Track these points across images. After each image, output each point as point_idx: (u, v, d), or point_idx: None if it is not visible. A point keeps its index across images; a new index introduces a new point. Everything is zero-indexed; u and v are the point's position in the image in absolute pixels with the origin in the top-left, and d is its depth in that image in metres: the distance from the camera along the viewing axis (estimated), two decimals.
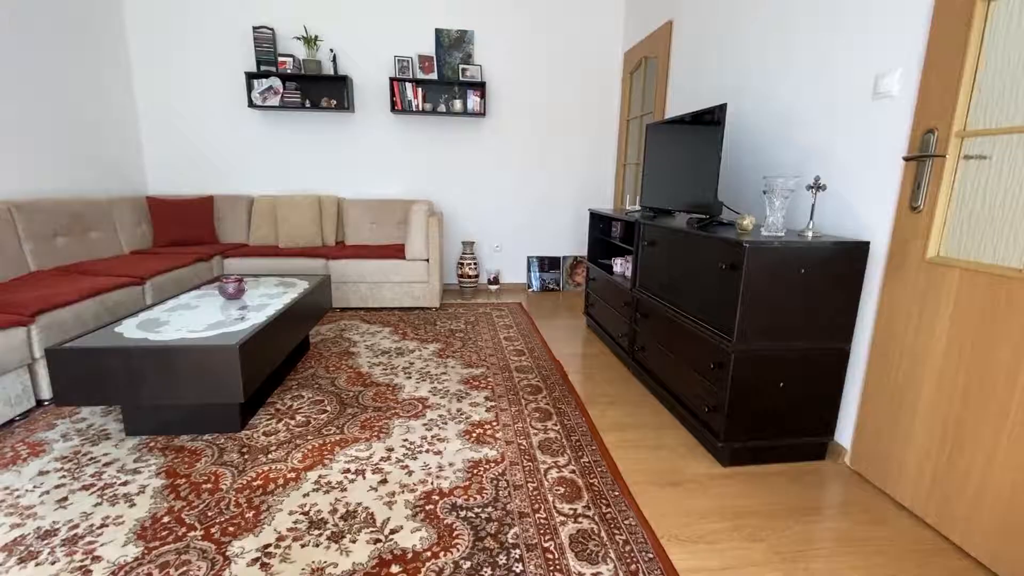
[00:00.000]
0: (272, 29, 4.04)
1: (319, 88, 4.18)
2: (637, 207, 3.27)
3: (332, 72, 4.15)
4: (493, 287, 4.60)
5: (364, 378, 2.54)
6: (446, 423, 2.09)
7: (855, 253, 1.75)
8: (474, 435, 1.99)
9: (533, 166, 4.58)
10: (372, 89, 4.29)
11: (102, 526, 1.45)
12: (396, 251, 3.85)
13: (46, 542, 1.38)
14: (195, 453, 1.83)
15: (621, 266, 2.99)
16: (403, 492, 1.62)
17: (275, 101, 4.05)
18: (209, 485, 1.64)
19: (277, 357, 2.14)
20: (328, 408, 2.20)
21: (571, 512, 1.54)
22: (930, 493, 1.55)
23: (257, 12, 4.07)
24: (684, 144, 2.46)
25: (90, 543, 1.38)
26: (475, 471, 1.74)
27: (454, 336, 3.24)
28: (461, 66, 4.28)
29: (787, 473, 1.84)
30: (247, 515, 1.50)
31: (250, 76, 4.01)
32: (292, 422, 2.07)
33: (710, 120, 2.19)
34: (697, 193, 2.29)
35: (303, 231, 4.01)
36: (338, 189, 4.44)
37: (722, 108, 2.07)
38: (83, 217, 3.19)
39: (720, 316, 1.85)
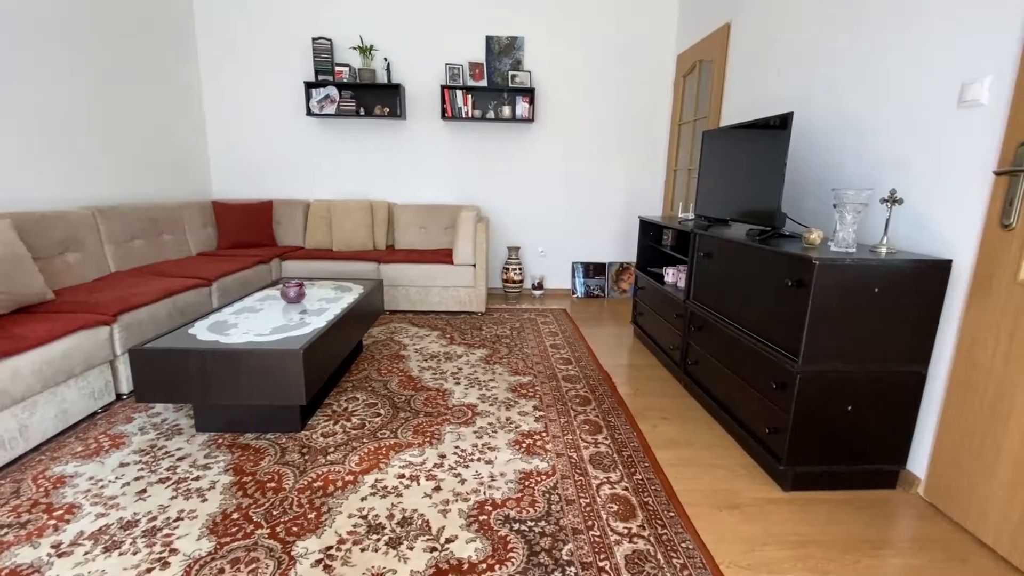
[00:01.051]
0: (330, 40, 4.19)
1: (373, 96, 4.30)
2: (690, 215, 3.20)
3: (386, 81, 4.26)
4: (537, 292, 4.59)
5: (415, 382, 2.59)
6: (496, 432, 2.10)
7: (935, 272, 1.64)
8: (524, 445, 2.00)
9: (580, 171, 4.55)
10: (423, 97, 4.38)
11: (177, 519, 1.54)
12: (444, 256, 3.91)
13: (128, 532, 1.48)
14: (259, 452, 1.92)
15: (673, 276, 2.92)
16: (457, 500, 1.65)
17: (331, 109, 4.20)
18: (273, 484, 1.72)
19: (335, 360, 2.22)
20: (382, 412, 2.26)
21: (626, 531, 1.52)
22: (1018, 531, 1.44)
23: (317, 24, 4.23)
24: (744, 152, 2.38)
25: (167, 535, 1.47)
26: (526, 483, 1.75)
27: (500, 342, 3.26)
28: (511, 72, 4.31)
29: (854, 501, 1.75)
30: (309, 516, 1.56)
31: (309, 85, 4.17)
32: (348, 424, 2.14)
33: (775, 128, 2.11)
34: (758, 204, 2.22)
35: (356, 235, 4.13)
36: (389, 194, 4.55)
37: (788, 117, 1.99)
38: (157, 221, 3.40)
39: (784, 334, 1.78)
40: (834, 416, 1.73)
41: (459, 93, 4.25)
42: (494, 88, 4.27)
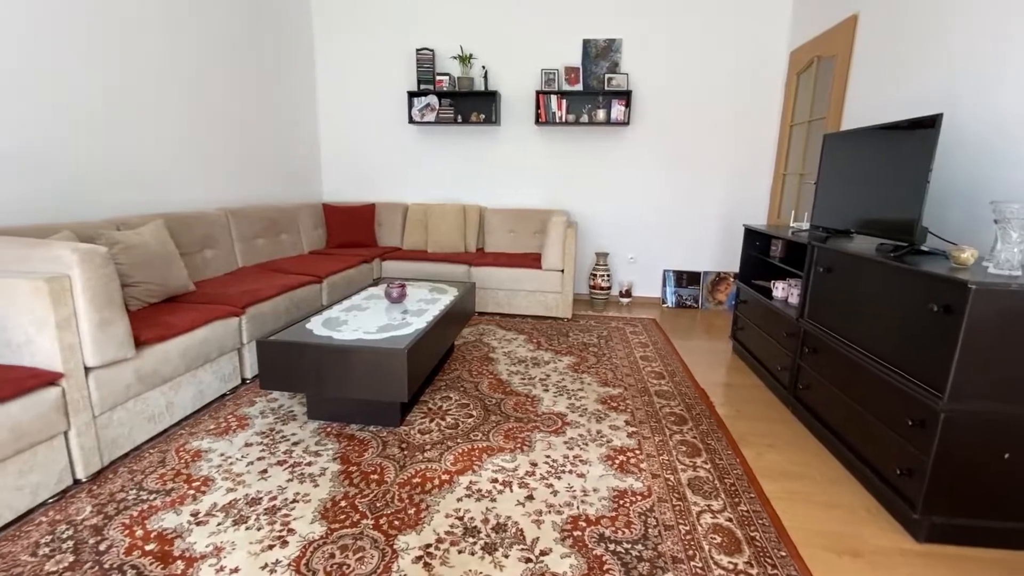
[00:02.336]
0: (432, 50, 4.37)
1: (470, 104, 4.42)
2: (804, 225, 2.94)
3: (483, 88, 4.36)
4: (624, 300, 4.47)
5: (504, 386, 2.62)
6: (587, 444, 2.07)
7: None
8: (617, 462, 1.94)
9: (676, 176, 4.37)
10: (517, 103, 4.43)
11: (294, 501, 1.67)
12: (532, 260, 3.93)
13: (252, 509, 1.63)
14: (363, 443, 2.03)
15: (783, 291, 2.71)
16: (550, 512, 1.63)
17: (431, 117, 4.38)
18: (376, 476, 1.81)
19: (433, 360, 2.30)
20: (474, 413, 2.31)
21: (731, 567, 1.42)
22: None
23: (421, 35, 4.43)
24: (877, 157, 2.14)
25: (285, 515, 1.60)
26: (621, 502, 1.69)
27: (587, 350, 3.20)
28: (607, 75, 4.23)
29: (1006, 562, 1.50)
30: (409, 511, 1.62)
31: (411, 95, 4.38)
32: (443, 423, 2.20)
33: (917, 130, 1.87)
34: (891, 215, 1.98)
35: (449, 237, 4.28)
36: (481, 198, 4.66)
37: (936, 118, 1.76)
38: (277, 222, 3.74)
39: (925, 365, 1.57)
40: (986, 463, 1.50)
41: (553, 98, 4.25)
42: (589, 92, 4.22)
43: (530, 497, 1.71)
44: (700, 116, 4.24)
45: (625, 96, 4.19)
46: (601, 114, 4.21)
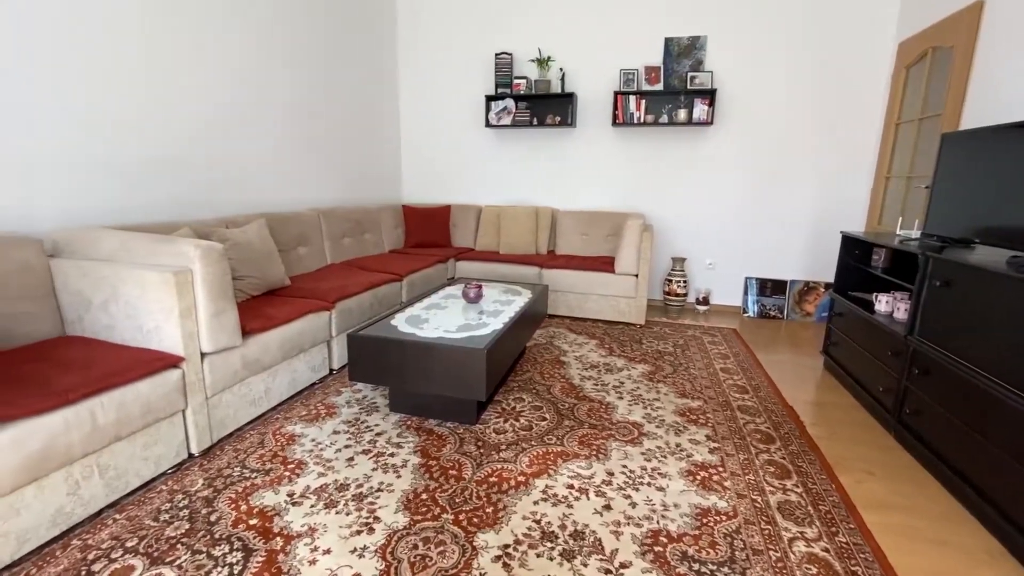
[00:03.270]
0: (511, 54, 4.43)
1: (546, 106, 4.43)
2: (914, 233, 2.68)
3: (560, 90, 4.36)
4: (701, 308, 4.29)
5: (576, 391, 2.59)
6: (666, 457, 2.00)
7: None
8: (698, 478, 1.86)
9: (762, 177, 4.13)
10: (594, 104, 4.38)
11: (378, 490, 1.75)
12: (604, 264, 3.87)
13: (341, 494, 1.72)
14: (441, 438, 2.09)
15: (888, 304, 2.48)
16: (628, 524, 1.60)
17: (507, 120, 4.43)
18: (454, 472, 1.85)
19: (509, 361, 2.32)
20: (547, 416, 2.30)
21: None
22: None
23: (500, 40, 4.50)
24: (1009, 160, 1.91)
25: (371, 503, 1.67)
26: (704, 520, 1.62)
27: (663, 359, 3.10)
28: (690, 74, 4.08)
29: None
30: (487, 510, 1.65)
31: (489, 99, 4.46)
32: (517, 424, 2.22)
33: None
34: None
35: (520, 239, 4.31)
36: (553, 200, 4.66)
37: None
38: (361, 222, 3.95)
39: None
40: None
41: (632, 98, 4.17)
42: (670, 91, 4.09)
43: (607, 507, 1.68)
44: (790, 114, 3.98)
45: (709, 95, 4.03)
46: (682, 114, 4.07)
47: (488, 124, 4.48)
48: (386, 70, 4.62)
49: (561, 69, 4.39)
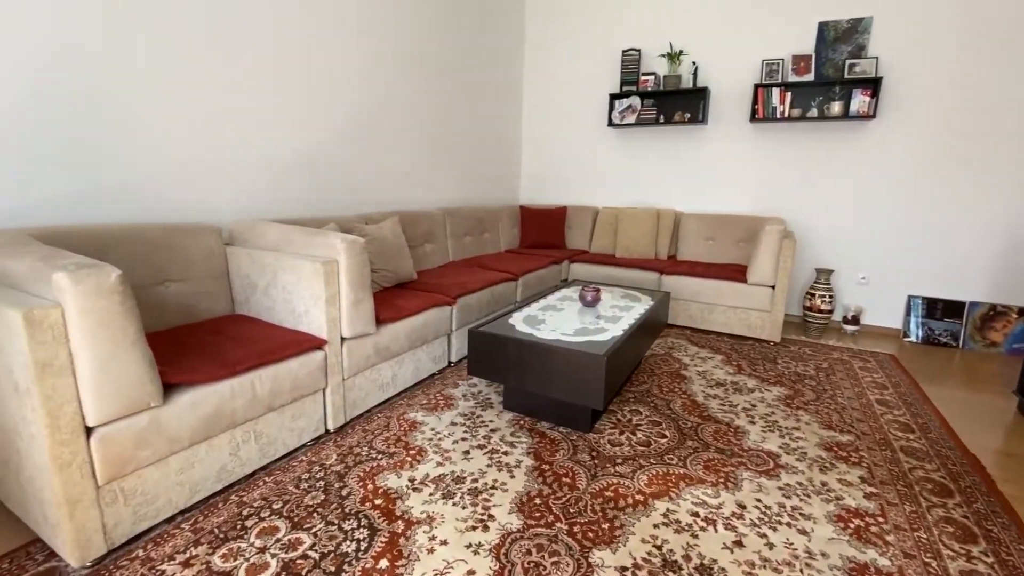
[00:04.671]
0: (639, 50, 4.26)
1: (674, 103, 4.20)
2: None
3: (691, 85, 4.09)
4: (850, 328, 3.76)
5: (700, 409, 2.40)
6: (809, 496, 1.75)
7: None
8: (852, 526, 1.60)
9: (936, 179, 3.50)
10: (729, 99, 4.05)
11: (493, 487, 1.75)
12: (734, 272, 3.55)
13: (458, 487, 1.75)
14: (554, 443, 2.05)
15: None
16: (764, 567, 1.41)
17: (631, 119, 4.27)
18: (568, 480, 1.80)
19: (627, 370, 2.21)
20: (667, 434, 2.15)
21: None
22: None
23: (627, 36, 4.35)
24: None
25: (486, 500, 1.68)
26: None
27: (802, 382, 2.76)
28: (848, 62, 3.59)
29: None
30: (603, 526, 1.57)
31: (613, 97, 4.33)
32: (633, 438, 2.10)
33: None
34: None
35: (639, 243, 4.13)
36: (676, 202, 4.40)
37: None
38: (481, 221, 4.06)
39: None
40: None
41: (775, 91, 3.78)
42: (822, 82, 3.64)
43: (739, 543, 1.51)
44: (976, 105, 3.32)
45: (871, 84, 3.51)
46: (836, 107, 3.60)
47: (611, 123, 4.36)
48: (512, 72, 4.71)
49: (694, 63, 4.12)
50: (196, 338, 1.84)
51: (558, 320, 2.38)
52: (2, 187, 1.71)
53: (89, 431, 1.31)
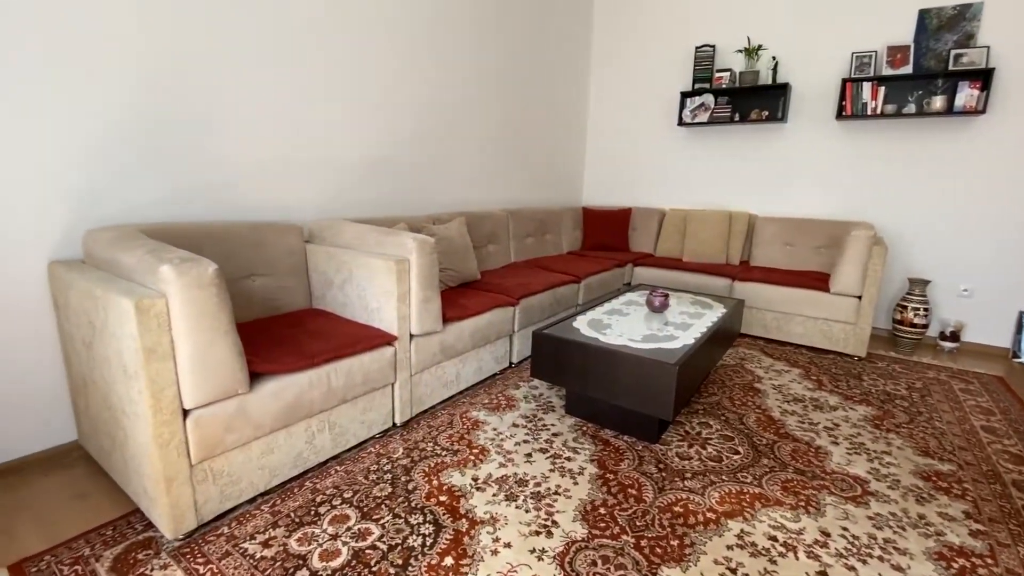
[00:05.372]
0: (713, 46, 4.08)
1: (751, 100, 3.99)
2: None
3: (770, 81, 3.87)
4: (948, 345, 3.40)
5: (776, 426, 2.25)
6: (904, 529, 1.60)
7: None
8: (955, 566, 1.44)
9: None
10: (813, 96, 3.79)
11: (556, 493, 1.72)
12: (815, 280, 3.31)
13: (521, 489, 1.74)
14: (618, 452, 1.99)
15: None
16: None
17: (703, 117, 4.10)
18: (634, 492, 1.74)
19: (698, 380, 2.12)
20: (740, 450, 2.04)
21: None
22: None
23: (701, 32, 4.18)
24: None
25: (550, 505, 1.66)
26: None
27: (893, 403, 2.53)
28: (954, 52, 3.26)
29: None
30: (672, 542, 1.50)
31: (684, 95, 4.18)
32: (703, 452, 2.01)
33: None
34: None
35: (709, 247, 3.95)
36: (751, 205, 4.17)
37: None
38: (544, 223, 4.04)
39: None
40: None
41: (866, 86, 3.49)
42: (922, 75, 3.32)
43: (824, 574, 1.40)
44: None
45: (981, 76, 3.16)
46: (938, 102, 3.27)
47: (681, 122, 4.20)
48: (579, 73, 4.66)
49: (774, 58, 3.89)
50: (277, 330, 1.94)
51: (624, 325, 2.31)
52: (115, 187, 1.88)
53: (186, 413, 1.41)
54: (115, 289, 1.36)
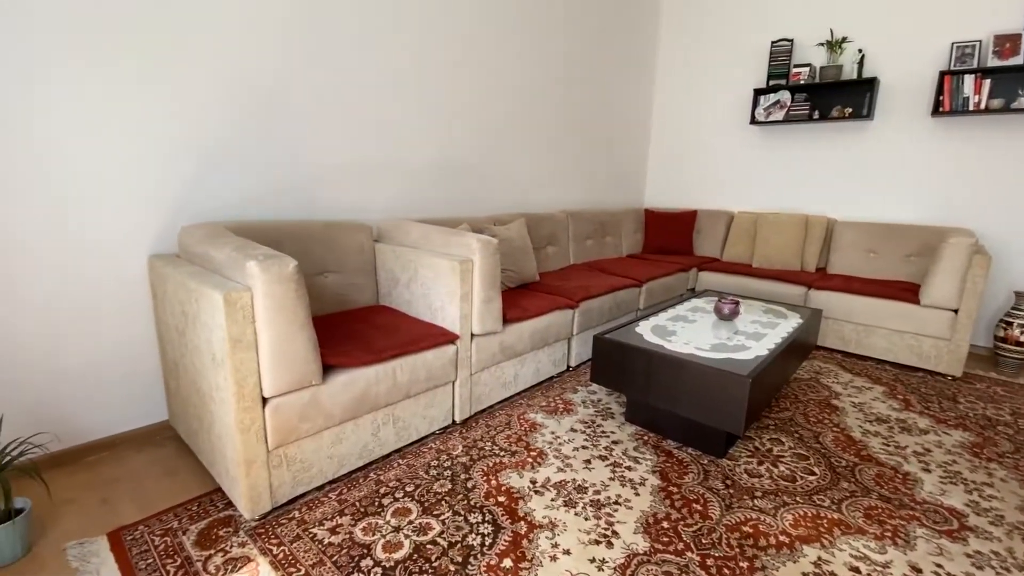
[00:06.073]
0: (791, 40, 3.85)
1: (832, 96, 3.73)
2: None
3: (855, 76, 3.60)
4: None
5: (857, 447, 2.09)
6: (1008, 571, 1.43)
7: None
8: None
9: None
10: (904, 90, 3.49)
11: (616, 502, 1.68)
12: (902, 291, 3.05)
13: (580, 496, 1.71)
14: (682, 464, 1.92)
15: None
16: None
17: (779, 116, 3.88)
18: (699, 507, 1.67)
19: (771, 394, 2.00)
20: (816, 471, 1.90)
21: None
22: None
23: (777, 26, 3.96)
24: None
25: (610, 515, 1.62)
26: None
27: (994, 429, 2.28)
28: None
29: None
30: (741, 564, 1.42)
31: (758, 92, 3.97)
32: (775, 470, 1.89)
33: None
34: None
35: (782, 252, 3.73)
36: (828, 208, 3.91)
37: None
38: (604, 224, 3.97)
39: None
40: None
41: (968, 79, 3.17)
42: None
43: None
44: None
45: None
46: None
47: (753, 121, 4.00)
48: (644, 71, 4.54)
49: (860, 51, 3.62)
50: (347, 325, 2.02)
51: (691, 332, 2.23)
52: (204, 187, 2.03)
53: (265, 401, 1.49)
54: (207, 282, 1.46)
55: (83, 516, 1.58)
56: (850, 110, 3.63)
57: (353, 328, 1.99)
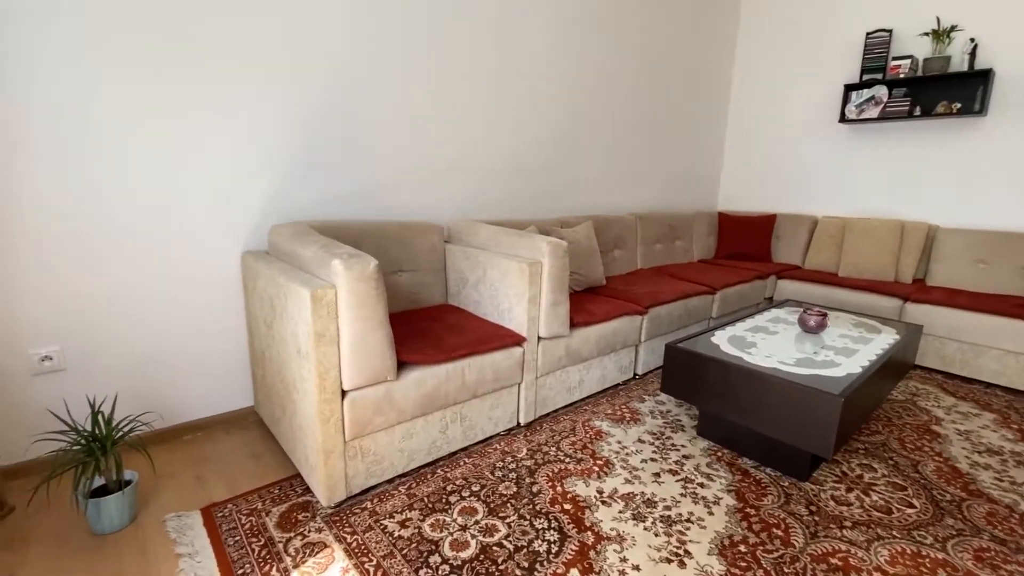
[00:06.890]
0: (890, 31, 3.54)
1: (936, 91, 3.39)
2: None
3: (966, 68, 3.25)
4: None
5: (964, 480, 1.87)
6: None
7: None
8: None
9: None
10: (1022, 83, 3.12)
11: (688, 520, 1.61)
12: (1018, 307, 2.71)
13: (649, 511, 1.65)
14: (760, 485, 1.80)
15: None
16: None
17: (873, 113, 3.58)
18: (780, 533, 1.56)
19: (864, 416, 1.84)
20: (915, 503, 1.73)
21: None
22: None
23: (872, 16, 3.66)
24: None
25: (682, 533, 1.55)
26: None
27: None
28: None
29: None
30: None
31: (849, 88, 3.68)
32: (866, 499, 1.73)
33: None
34: None
35: (873, 261, 3.44)
36: (928, 214, 3.55)
37: None
38: (674, 228, 3.84)
39: None
40: None
41: None
42: None
43: None
44: None
45: None
46: None
47: (843, 119, 3.71)
48: (721, 67, 4.34)
49: (972, 40, 3.26)
50: (418, 323, 2.07)
51: (772, 345, 2.09)
52: (292, 188, 2.15)
53: (344, 394, 1.55)
54: (295, 279, 1.54)
55: (180, 491, 1.71)
56: (958, 106, 3.29)
57: (424, 326, 2.03)
